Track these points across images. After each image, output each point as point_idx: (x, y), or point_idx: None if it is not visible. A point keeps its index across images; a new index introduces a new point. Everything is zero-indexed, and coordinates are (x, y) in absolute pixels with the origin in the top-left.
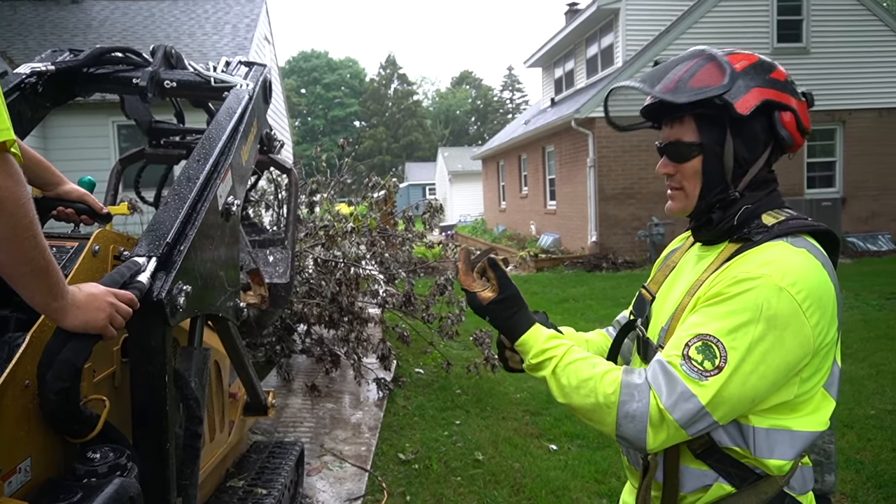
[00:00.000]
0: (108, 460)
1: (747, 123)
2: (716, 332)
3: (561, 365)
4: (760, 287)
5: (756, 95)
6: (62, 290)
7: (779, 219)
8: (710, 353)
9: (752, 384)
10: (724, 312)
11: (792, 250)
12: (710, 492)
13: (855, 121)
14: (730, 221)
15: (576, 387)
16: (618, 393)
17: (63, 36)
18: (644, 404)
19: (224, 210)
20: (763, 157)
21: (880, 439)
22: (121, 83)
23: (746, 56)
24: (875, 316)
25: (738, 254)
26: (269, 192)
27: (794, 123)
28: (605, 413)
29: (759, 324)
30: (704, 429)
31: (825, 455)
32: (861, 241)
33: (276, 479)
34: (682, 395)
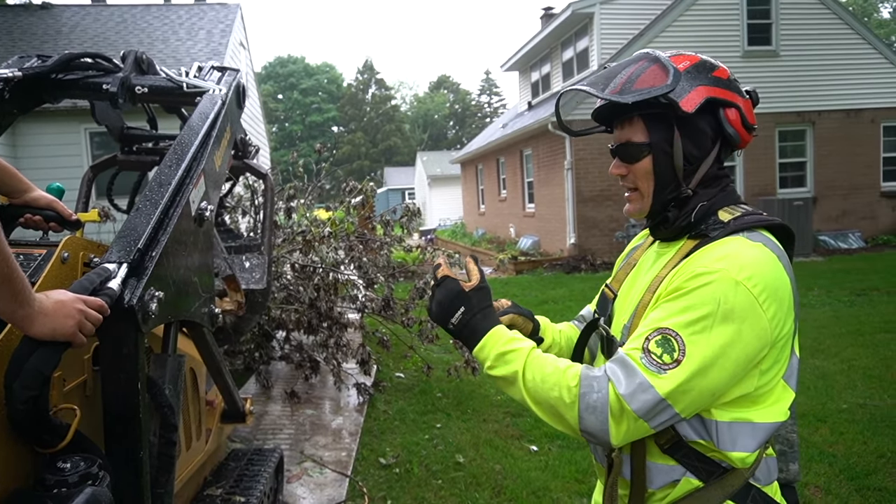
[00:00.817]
0: (78, 469)
1: (693, 121)
2: (675, 326)
3: (529, 359)
4: (717, 281)
5: (700, 93)
6: (28, 298)
7: (735, 214)
8: (668, 347)
9: (711, 377)
10: (683, 307)
11: (748, 244)
12: (678, 487)
13: (824, 122)
14: (686, 218)
15: (541, 381)
16: (579, 385)
17: (32, 42)
18: (603, 395)
19: (197, 215)
20: (712, 154)
21: (852, 433)
22: (91, 89)
23: (689, 57)
24: (846, 312)
25: (696, 249)
26: (245, 198)
27: (739, 120)
28: (567, 407)
29: (717, 317)
30: (667, 421)
31: (788, 444)
32: (832, 239)
33: (254, 486)
34: (640, 385)
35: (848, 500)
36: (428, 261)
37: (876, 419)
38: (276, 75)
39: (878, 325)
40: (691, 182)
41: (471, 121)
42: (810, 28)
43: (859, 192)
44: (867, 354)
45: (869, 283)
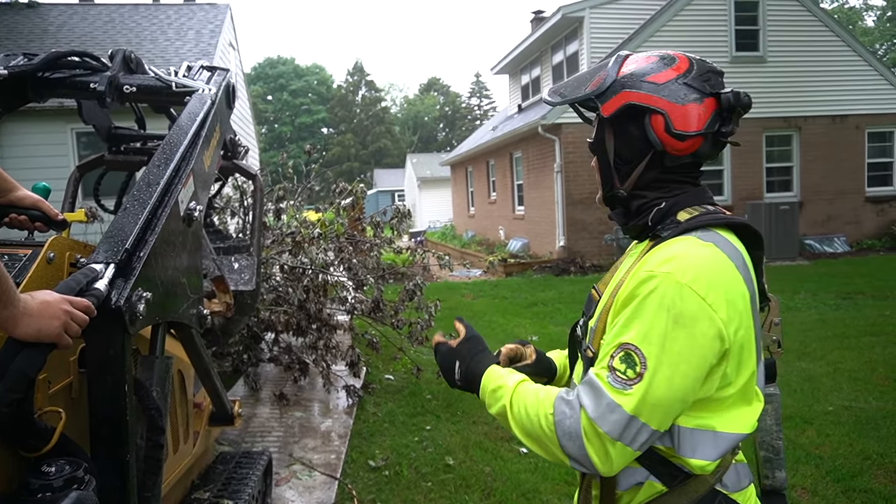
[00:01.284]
0: (63, 473)
1: (621, 125)
2: (633, 340)
3: (514, 393)
4: (662, 285)
5: (621, 99)
6: (13, 298)
7: (693, 214)
8: (631, 362)
9: (677, 385)
10: (636, 318)
11: (698, 244)
12: (642, 490)
13: (810, 127)
14: (643, 220)
15: (524, 412)
16: (554, 412)
17: (18, 41)
18: (576, 420)
19: (186, 216)
20: (647, 157)
21: (838, 435)
22: (78, 88)
23: (644, 58)
24: (832, 315)
25: (650, 250)
26: (234, 198)
27: (663, 127)
28: (548, 437)
29: (668, 324)
30: (647, 439)
31: (774, 451)
32: (818, 243)
33: (243, 489)
34: (607, 406)
35: (834, 501)
36: (417, 262)
37: (861, 421)
38: (266, 76)
39: (864, 328)
40: (626, 183)
41: (461, 123)
42: (797, 35)
43: (844, 197)
44: (853, 357)
45: (854, 287)
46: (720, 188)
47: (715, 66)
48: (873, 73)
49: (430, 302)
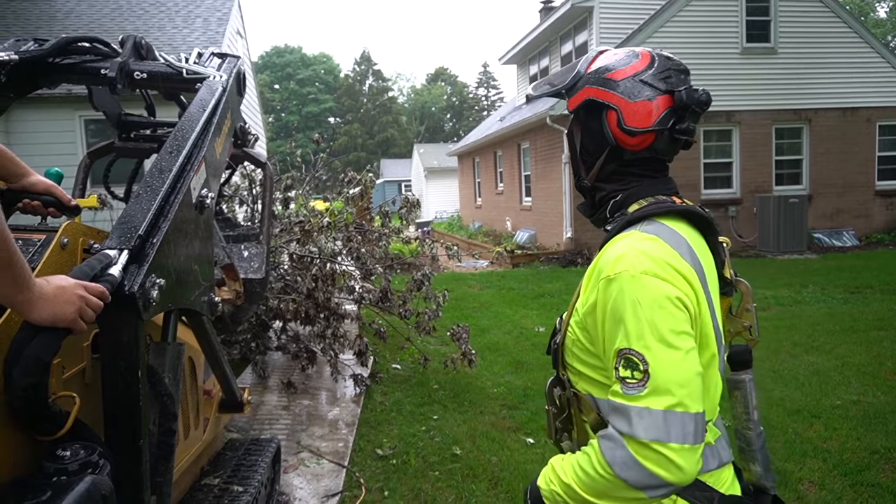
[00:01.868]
0: (78, 458)
1: (585, 118)
2: (624, 345)
3: (559, 468)
4: (623, 285)
5: (583, 94)
6: (28, 283)
7: (642, 206)
8: (633, 364)
9: (685, 363)
10: (616, 324)
11: (641, 238)
12: None
13: (820, 120)
14: (603, 212)
15: (583, 474)
16: (601, 454)
17: (26, 28)
18: (622, 446)
19: (198, 203)
20: (606, 151)
21: (846, 429)
22: (88, 74)
23: (612, 55)
24: (840, 309)
25: (602, 245)
26: (242, 187)
27: (615, 122)
28: (613, 481)
29: (644, 313)
30: (696, 425)
31: (746, 442)
32: (826, 236)
33: (252, 476)
34: (638, 415)
35: (841, 495)
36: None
37: (869, 415)
38: (273, 65)
39: (872, 322)
40: (590, 174)
41: (468, 113)
42: (809, 26)
43: (854, 191)
44: (861, 351)
45: (862, 281)
46: (728, 181)
47: (680, 64)
48: (885, 65)
49: (438, 292)
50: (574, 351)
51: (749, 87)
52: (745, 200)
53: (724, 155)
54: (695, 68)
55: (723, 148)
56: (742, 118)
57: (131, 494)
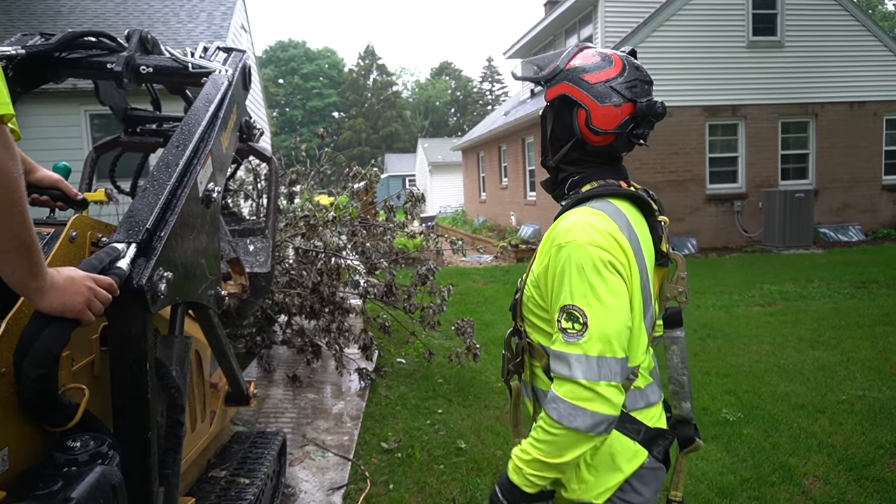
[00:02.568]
0: (88, 449)
1: (558, 108)
2: (567, 301)
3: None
4: (571, 252)
5: (559, 89)
6: (42, 271)
7: (593, 187)
8: (573, 317)
9: (615, 316)
10: (563, 284)
11: (590, 213)
12: None
13: (827, 114)
14: (561, 189)
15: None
16: (549, 418)
17: (31, 22)
18: (562, 401)
19: (204, 197)
20: (572, 140)
21: (851, 423)
22: (95, 68)
23: (589, 56)
24: (846, 305)
25: (556, 217)
26: (248, 181)
27: (583, 120)
28: (565, 435)
29: (587, 276)
30: (621, 369)
31: (679, 385)
32: (832, 231)
33: (258, 468)
34: (576, 360)
35: (846, 490)
36: (430, 247)
37: (875, 410)
38: (277, 59)
39: (878, 317)
40: (555, 157)
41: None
42: (816, 19)
43: (860, 186)
44: (866, 346)
45: (869, 276)
46: (734, 175)
47: (646, 75)
48: (893, 58)
49: (443, 287)
50: (529, 306)
51: (755, 80)
52: (751, 195)
53: (729, 149)
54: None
55: (728, 142)
56: (748, 112)
57: (140, 485)
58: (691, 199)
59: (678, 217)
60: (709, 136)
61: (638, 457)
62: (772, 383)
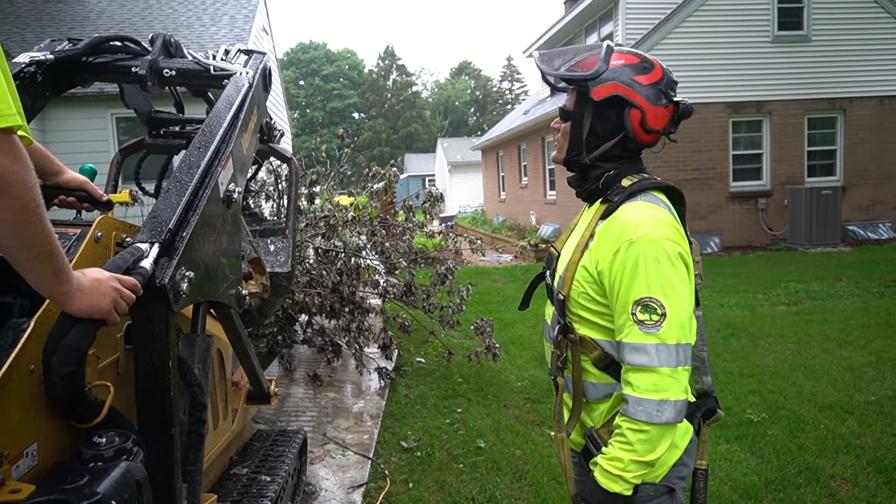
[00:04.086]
0: (114, 444)
1: (603, 108)
2: (643, 294)
3: (619, 459)
4: (644, 246)
5: (610, 88)
6: (67, 275)
7: (634, 181)
8: (651, 309)
9: (685, 305)
10: (636, 278)
11: (650, 206)
12: (612, 399)
13: (856, 109)
14: (595, 184)
15: (638, 447)
16: (636, 422)
17: (60, 28)
18: (645, 401)
19: (225, 198)
20: (614, 139)
21: (880, 425)
22: (120, 72)
23: (630, 57)
24: (875, 304)
25: (608, 212)
26: (268, 182)
27: (638, 121)
28: (655, 432)
29: (662, 269)
30: (689, 353)
31: (700, 361)
32: (861, 229)
33: (279, 466)
34: (657, 350)
35: (875, 492)
36: (448, 247)
37: None
38: (298, 61)
39: None
40: (592, 154)
41: (492, 107)
42: (844, 12)
43: (891, 182)
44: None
45: None
46: (759, 172)
47: (673, 77)
48: None
49: (462, 286)
50: (580, 301)
51: (780, 76)
52: (776, 192)
53: (753, 146)
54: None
55: (752, 139)
56: (773, 108)
57: (163, 481)
58: (714, 196)
59: (700, 215)
60: (732, 133)
61: (688, 432)
62: (798, 383)
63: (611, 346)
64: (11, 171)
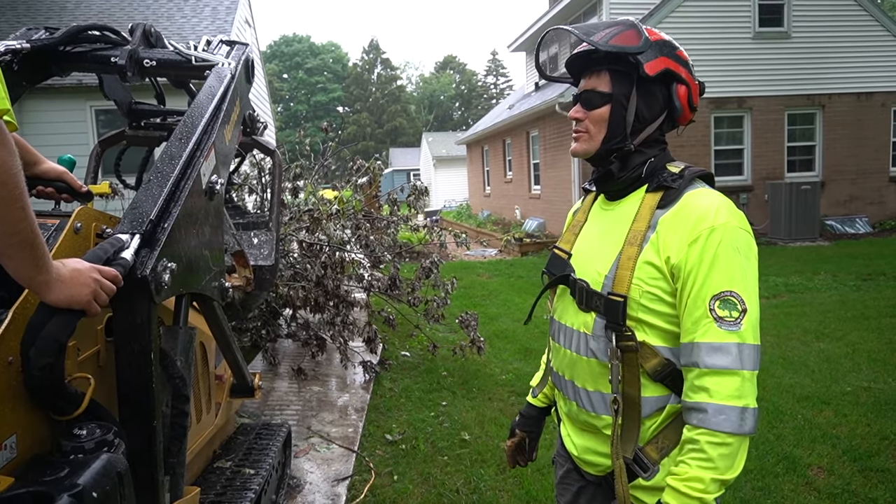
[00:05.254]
0: (94, 436)
1: (651, 86)
2: (724, 287)
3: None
4: (727, 234)
5: (662, 63)
6: (47, 265)
7: (679, 168)
8: (731, 305)
9: (758, 304)
10: (716, 268)
11: (718, 194)
12: (664, 412)
13: (834, 105)
14: (636, 172)
15: (720, 463)
16: (720, 433)
17: (36, 18)
18: (728, 409)
19: (208, 189)
20: (659, 120)
21: (856, 415)
22: (99, 62)
23: (658, 34)
24: (852, 297)
25: (668, 200)
26: (252, 176)
27: (686, 97)
28: (738, 444)
29: (742, 261)
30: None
31: None
32: (839, 223)
33: (263, 459)
34: (739, 350)
35: (850, 480)
36: (433, 241)
37: (880, 402)
38: (282, 54)
39: (884, 309)
40: (636, 139)
41: (477, 102)
42: (823, 9)
43: (868, 177)
44: (873, 338)
45: (875, 268)
46: (740, 167)
47: None
48: None
49: (447, 280)
50: (643, 303)
51: (761, 72)
52: (757, 187)
53: (735, 141)
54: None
55: (734, 134)
56: (754, 104)
57: (145, 473)
58: None
59: None
60: (714, 129)
61: None
62: (776, 375)
63: (671, 352)
64: None
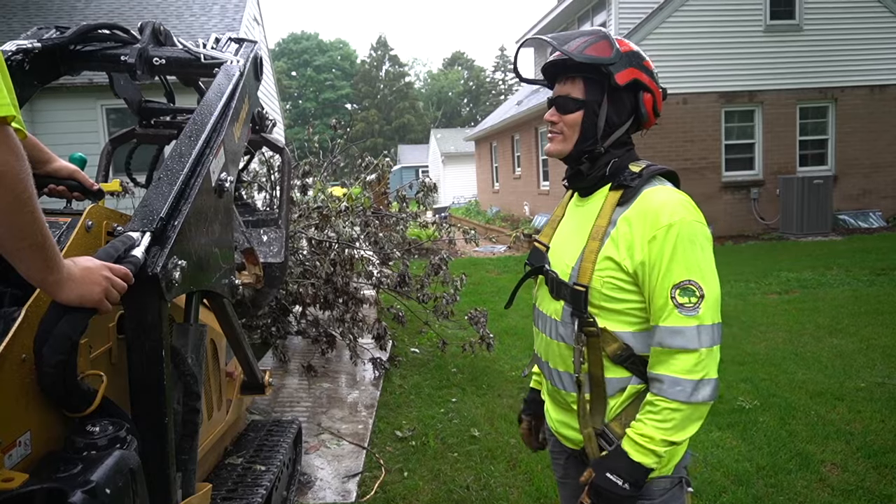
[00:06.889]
0: (107, 433)
1: (620, 94)
2: (683, 276)
3: (651, 437)
4: (683, 229)
5: (630, 73)
6: (58, 264)
7: (641, 167)
8: (690, 292)
9: (717, 287)
10: (675, 260)
11: (674, 191)
12: (625, 392)
13: (847, 98)
14: (601, 171)
15: (670, 425)
16: (674, 402)
17: (48, 18)
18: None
19: (217, 186)
20: (626, 124)
21: (870, 411)
22: (109, 60)
23: (628, 44)
24: (865, 292)
25: (626, 198)
26: (261, 173)
27: (651, 104)
28: (691, 411)
29: (698, 251)
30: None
31: None
32: (852, 218)
33: (274, 456)
34: (698, 331)
35: (864, 477)
36: (442, 238)
37: (895, 398)
38: (290, 52)
39: None
40: (606, 142)
41: (485, 98)
42: (836, 1)
43: (882, 171)
44: (887, 333)
45: (889, 263)
46: (751, 162)
47: None
48: None
49: (456, 277)
50: (604, 292)
51: (773, 65)
52: (768, 182)
53: (745, 136)
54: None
55: (744, 129)
56: (765, 98)
57: (157, 470)
58: (706, 186)
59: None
60: (725, 123)
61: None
62: (789, 371)
63: (632, 337)
64: (4, 161)
